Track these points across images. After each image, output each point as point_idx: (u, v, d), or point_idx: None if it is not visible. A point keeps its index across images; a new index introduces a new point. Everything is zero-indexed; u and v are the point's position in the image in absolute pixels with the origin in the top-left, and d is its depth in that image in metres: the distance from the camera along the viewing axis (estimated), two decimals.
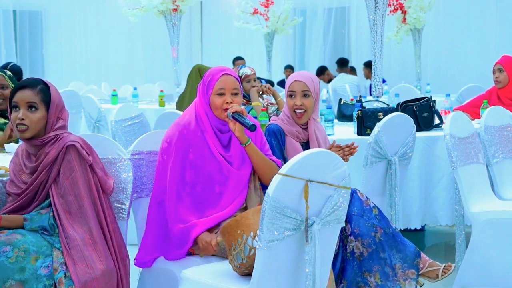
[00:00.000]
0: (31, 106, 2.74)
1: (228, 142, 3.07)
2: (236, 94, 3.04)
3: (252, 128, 2.98)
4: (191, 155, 2.99)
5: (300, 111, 3.43)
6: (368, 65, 10.58)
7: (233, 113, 2.99)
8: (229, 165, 3.02)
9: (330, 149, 3.45)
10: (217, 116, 3.03)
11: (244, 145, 3.06)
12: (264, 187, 3.19)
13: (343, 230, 3.02)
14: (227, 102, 3.00)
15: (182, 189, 2.97)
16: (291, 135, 3.45)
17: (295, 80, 3.44)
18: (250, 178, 3.09)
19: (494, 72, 5.38)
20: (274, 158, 3.19)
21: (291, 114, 3.47)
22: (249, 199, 3.06)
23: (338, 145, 3.48)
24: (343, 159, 3.34)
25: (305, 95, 3.42)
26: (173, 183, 2.96)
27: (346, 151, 3.46)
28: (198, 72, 5.18)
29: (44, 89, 2.77)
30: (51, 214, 2.70)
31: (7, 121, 4.16)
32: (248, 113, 4.73)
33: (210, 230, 2.94)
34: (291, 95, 3.45)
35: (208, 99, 3.02)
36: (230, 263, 2.63)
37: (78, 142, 2.73)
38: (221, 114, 3.02)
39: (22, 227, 2.70)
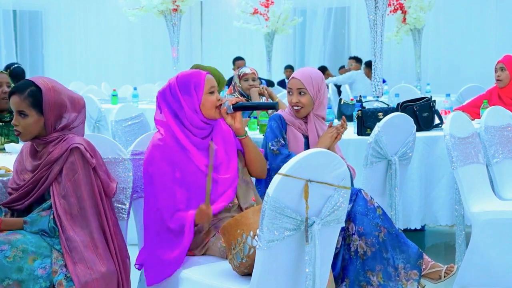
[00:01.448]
0: (20, 113, 2.72)
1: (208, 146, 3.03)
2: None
3: (277, 106, 3.08)
4: (178, 174, 2.94)
5: (297, 108, 3.49)
6: (368, 64, 10.60)
7: (234, 104, 3.00)
8: (216, 174, 2.99)
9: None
10: (206, 116, 2.99)
11: (244, 137, 3.08)
12: (257, 181, 3.23)
13: (346, 229, 3.02)
14: (218, 99, 3.01)
15: (177, 206, 2.92)
16: (292, 125, 3.51)
17: (292, 77, 3.50)
18: (239, 174, 3.08)
19: (496, 71, 5.38)
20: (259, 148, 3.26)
21: (291, 110, 3.54)
22: (242, 195, 3.05)
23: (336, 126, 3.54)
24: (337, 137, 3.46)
25: (300, 93, 3.46)
26: (168, 203, 2.92)
27: (339, 128, 3.51)
28: None
29: (33, 92, 2.71)
30: (52, 216, 2.68)
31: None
32: (251, 113, 4.74)
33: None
34: (289, 92, 3.52)
35: (198, 100, 2.97)
36: (229, 263, 2.63)
37: (82, 144, 2.72)
38: (214, 113, 3.00)
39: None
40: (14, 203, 2.78)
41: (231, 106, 3.00)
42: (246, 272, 2.56)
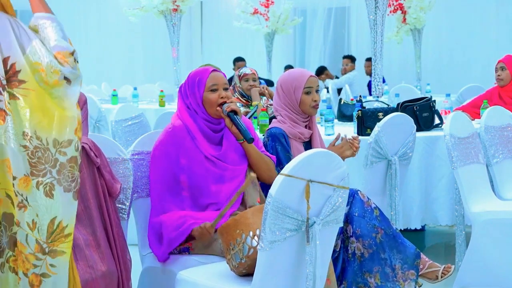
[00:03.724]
0: None
1: (220, 140, 3.08)
2: (227, 89, 3.07)
3: (250, 141, 3.02)
4: (183, 160, 3.00)
5: (317, 106, 3.42)
6: (369, 60, 10.60)
7: (229, 112, 3.01)
8: (223, 163, 3.03)
9: (334, 144, 3.42)
10: (211, 114, 3.04)
11: (241, 141, 3.08)
12: (261, 184, 3.20)
13: (344, 231, 3.02)
14: (222, 97, 3.03)
15: (180, 192, 2.98)
16: (294, 137, 3.41)
17: (312, 76, 3.41)
18: (247, 173, 3.09)
19: (496, 70, 5.41)
20: (268, 154, 3.21)
21: (307, 110, 3.41)
22: (248, 195, 3.06)
23: (349, 139, 3.43)
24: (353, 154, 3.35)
25: (317, 91, 3.42)
26: (171, 187, 2.97)
27: (355, 143, 3.42)
28: None
29: None
30: None
31: None
32: (253, 114, 4.73)
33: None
34: (309, 91, 3.39)
35: (200, 97, 3.03)
36: (227, 263, 2.62)
37: (87, 144, 2.73)
38: (216, 110, 3.03)
39: None
40: None
41: (226, 112, 3.02)
42: (245, 273, 2.56)
